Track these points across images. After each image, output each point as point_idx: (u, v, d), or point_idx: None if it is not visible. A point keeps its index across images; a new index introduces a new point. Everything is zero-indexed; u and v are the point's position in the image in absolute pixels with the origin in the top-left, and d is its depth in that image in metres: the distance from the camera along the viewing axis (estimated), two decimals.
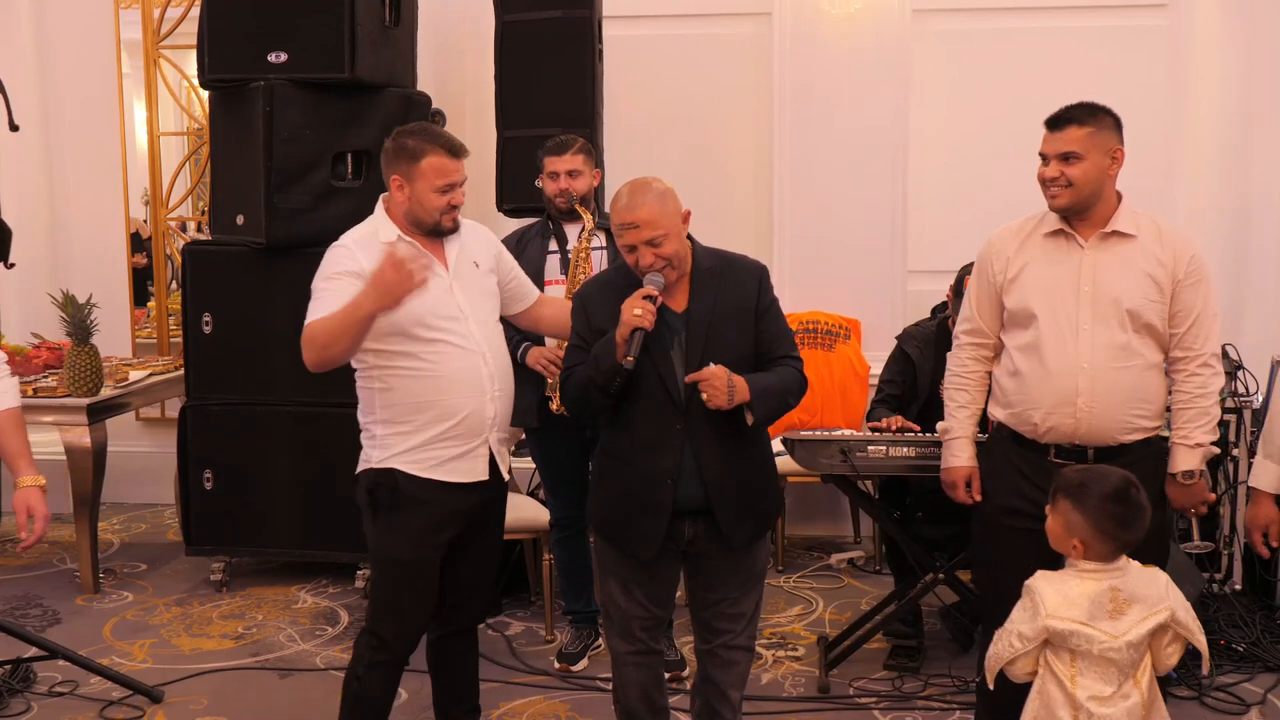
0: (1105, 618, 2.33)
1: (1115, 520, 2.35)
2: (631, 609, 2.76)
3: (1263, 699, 3.49)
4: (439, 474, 2.76)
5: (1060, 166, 2.74)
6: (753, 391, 2.58)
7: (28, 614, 4.25)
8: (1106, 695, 2.33)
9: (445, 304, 2.76)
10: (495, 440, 2.84)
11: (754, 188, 5.09)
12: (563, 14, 4.44)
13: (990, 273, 2.87)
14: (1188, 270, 2.77)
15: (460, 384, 2.75)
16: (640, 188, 2.63)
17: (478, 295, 2.85)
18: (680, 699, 3.50)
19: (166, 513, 5.40)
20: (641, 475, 2.66)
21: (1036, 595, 2.37)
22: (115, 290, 5.40)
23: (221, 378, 4.45)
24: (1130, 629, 2.33)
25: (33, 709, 3.51)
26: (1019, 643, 2.38)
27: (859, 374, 4.87)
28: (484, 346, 2.79)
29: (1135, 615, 2.34)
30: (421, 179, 2.74)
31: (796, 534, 5.02)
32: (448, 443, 2.76)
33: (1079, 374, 2.73)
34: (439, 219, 2.77)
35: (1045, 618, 2.33)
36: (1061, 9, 4.98)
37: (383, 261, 2.58)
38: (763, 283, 2.71)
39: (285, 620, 4.21)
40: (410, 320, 2.70)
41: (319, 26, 4.22)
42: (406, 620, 2.84)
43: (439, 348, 2.73)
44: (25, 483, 2.85)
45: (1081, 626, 2.32)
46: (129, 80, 5.49)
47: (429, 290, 2.70)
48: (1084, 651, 2.33)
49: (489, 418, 2.79)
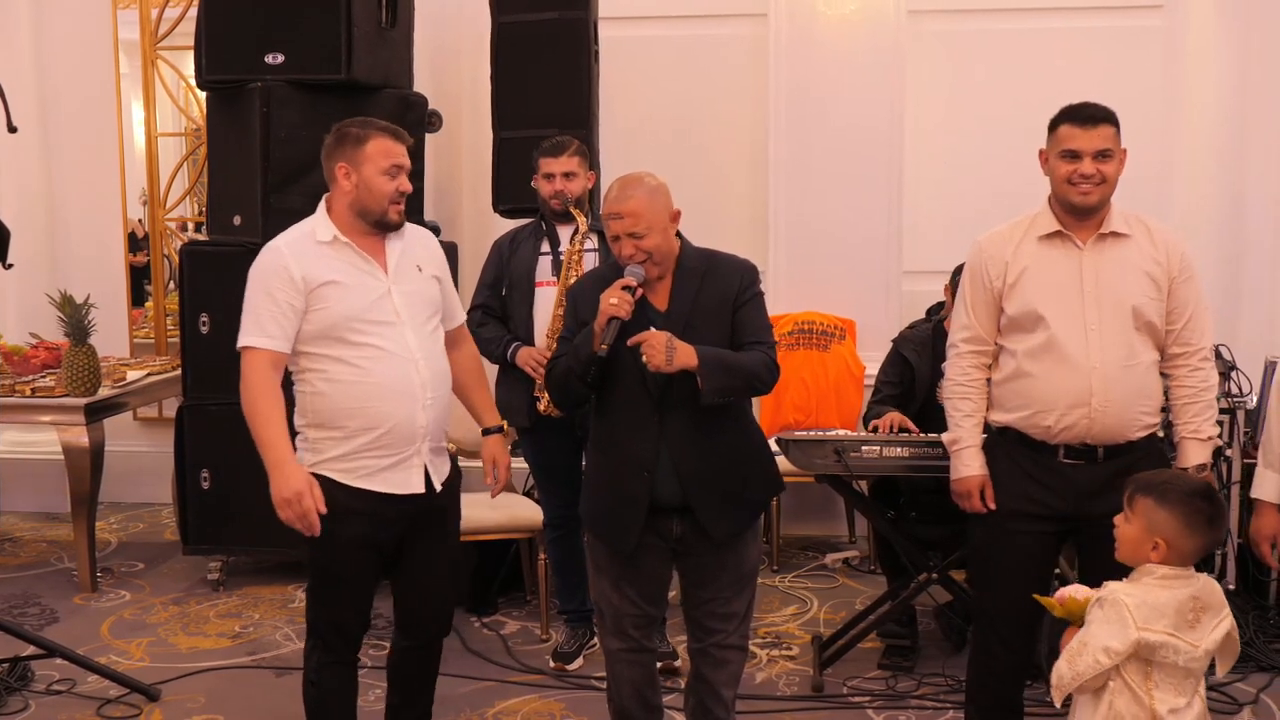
0: (1186, 627, 2.25)
1: (1205, 516, 2.27)
2: (623, 606, 2.78)
3: (1255, 699, 3.50)
4: (370, 484, 2.72)
5: (1096, 164, 2.72)
6: (700, 358, 2.56)
7: (26, 612, 4.27)
8: (1181, 707, 2.24)
9: (380, 308, 2.70)
10: (428, 450, 2.77)
11: (749, 188, 5.10)
12: (559, 15, 4.46)
13: (987, 279, 2.86)
14: (1181, 267, 2.79)
15: (389, 391, 2.69)
16: (632, 181, 2.68)
17: (417, 300, 2.78)
18: (674, 698, 3.51)
19: (164, 512, 5.41)
20: (620, 467, 2.70)
21: (1123, 608, 2.23)
22: (113, 290, 5.41)
23: (219, 378, 4.44)
24: (1206, 637, 2.26)
25: (30, 707, 3.52)
26: (1106, 658, 2.21)
27: (854, 374, 4.88)
28: (418, 353, 2.73)
29: (1208, 623, 2.27)
30: (368, 162, 2.70)
31: (791, 534, 5.03)
32: (377, 452, 2.70)
33: (1092, 374, 2.74)
34: (386, 207, 2.72)
35: (1137, 630, 2.20)
36: (1057, 10, 4.99)
37: (284, 506, 2.61)
38: (744, 279, 2.72)
39: (282, 619, 4.22)
40: (341, 322, 2.67)
41: (316, 28, 4.24)
42: (342, 622, 2.82)
43: (368, 352, 2.68)
44: None
45: (1170, 638, 2.22)
46: (127, 81, 5.50)
47: (364, 293, 2.69)
48: (1169, 664, 2.23)
49: (420, 426, 2.73)
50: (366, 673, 3.74)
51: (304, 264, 2.68)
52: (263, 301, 2.68)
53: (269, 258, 2.73)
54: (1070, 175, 2.74)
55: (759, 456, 2.82)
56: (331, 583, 2.79)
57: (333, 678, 2.84)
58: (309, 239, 2.74)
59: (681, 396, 2.62)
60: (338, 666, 2.85)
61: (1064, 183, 2.76)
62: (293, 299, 2.67)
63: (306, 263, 2.69)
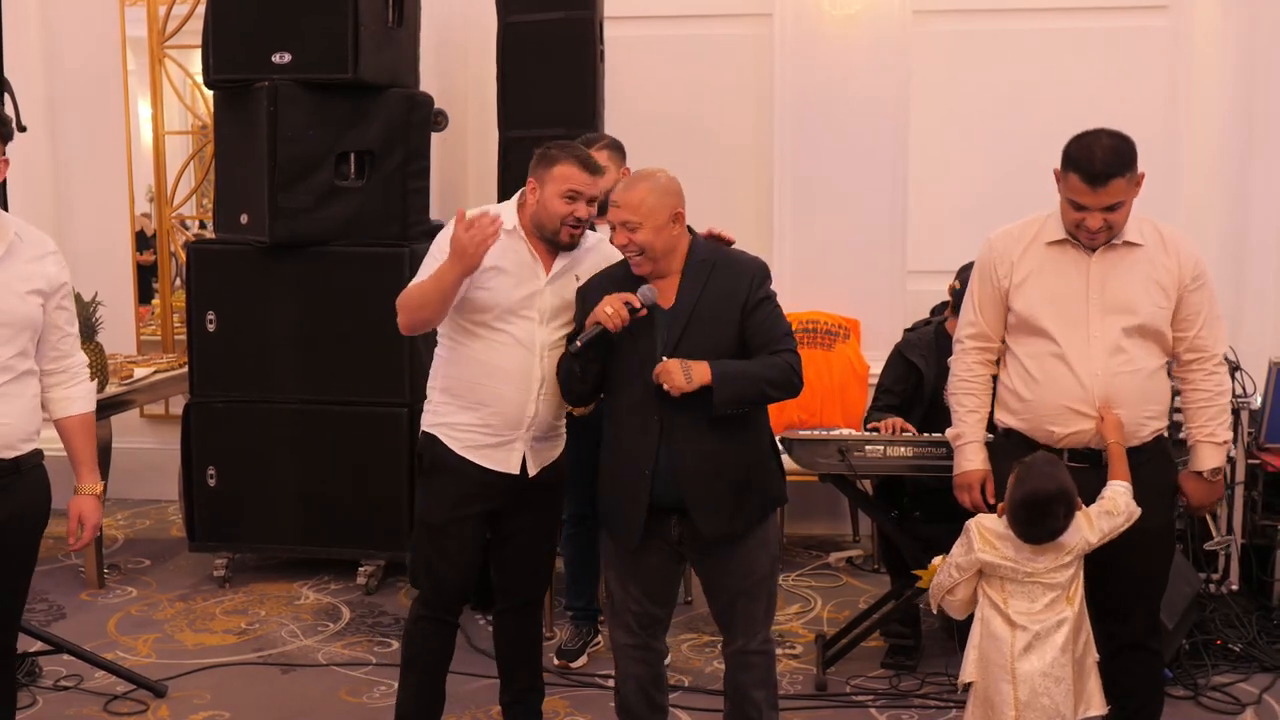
0: (1029, 554, 2.68)
1: (1020, 522, 2.68)
2: (627, 602, 2.81)
3: (1258, 699, 3.51)
4: (473, 456, 2.92)
5: (1104, 216, 2.70)
6: (714, 372, 2.60)
7: (33, 609, 4.27)
8: (1034, 610, 2.67)
9: (528, 304, 2.89)
10: (530, 438, 2.93)
11: (754, 187, 5.10)
12: (564, 15, 4.46)
13: (995, 277, 2.86)
14: (1194, 275, 2.78)
15: (509, 375, 2.88)
16: (641, 175, 2.76)
17: (564, 308, 2.93)
18: (679, 696, 3.53)
19: (170, 509, 5.42)
20: (624, 465, 2.74)
21: (973, 533, 2.74)
22: (120, 288, 5.42)
23: (225, 375, 4.48)
24: (1049, 562, 2.68)
25: (38, 703, 3.54)
26: (956, 573, 2.75)
27: (858, 374, 4.89)
28: (545, 350, 2.90)
29: (1053, 558, 2.68)
30: (551, 183, 2.87)
31: (795, 533, 5.04)
32: (485, 429, 2.90)
33: (1094, 382, 2.75)
34: (559, 227, 2.88)
35: (978, 551, 2.71)
36: (1062, 10, 4.99)
37: (455, 225, 2.76)
38: (755, 278, 2.72)
39: (288, 616, 4.24)
40: (492, 308, 2.87)
41: (323, 27, 4.25)
42: (440, 580, 3.00)
43: (502, 338, 2.88)
44: (85, 489, 2.89)
45: (1004, 561, 2.69)
46: (134, 78, 5.51)
47: (522, 286, 2.87)
48: (1014, 580, 2.69)
49: (528, 415, 2.90)
50: (372, 669, 3.77)
51: None
52: (431, 260, 2.88)
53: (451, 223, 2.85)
54: (1078, 223, 2.73)
55: (764, 464, 2.80)
56: (434, 536, 2.97)
57: (424, 634, 3.01)
58: (500, 215, 2.89)
59: (685, 398, 2.63)
60: (433, 622, 3.01)
61: (1072, 224, 2.75)
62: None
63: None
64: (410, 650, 3.04)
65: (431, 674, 3.04)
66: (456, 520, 2.95)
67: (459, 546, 2.97)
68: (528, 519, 3.03)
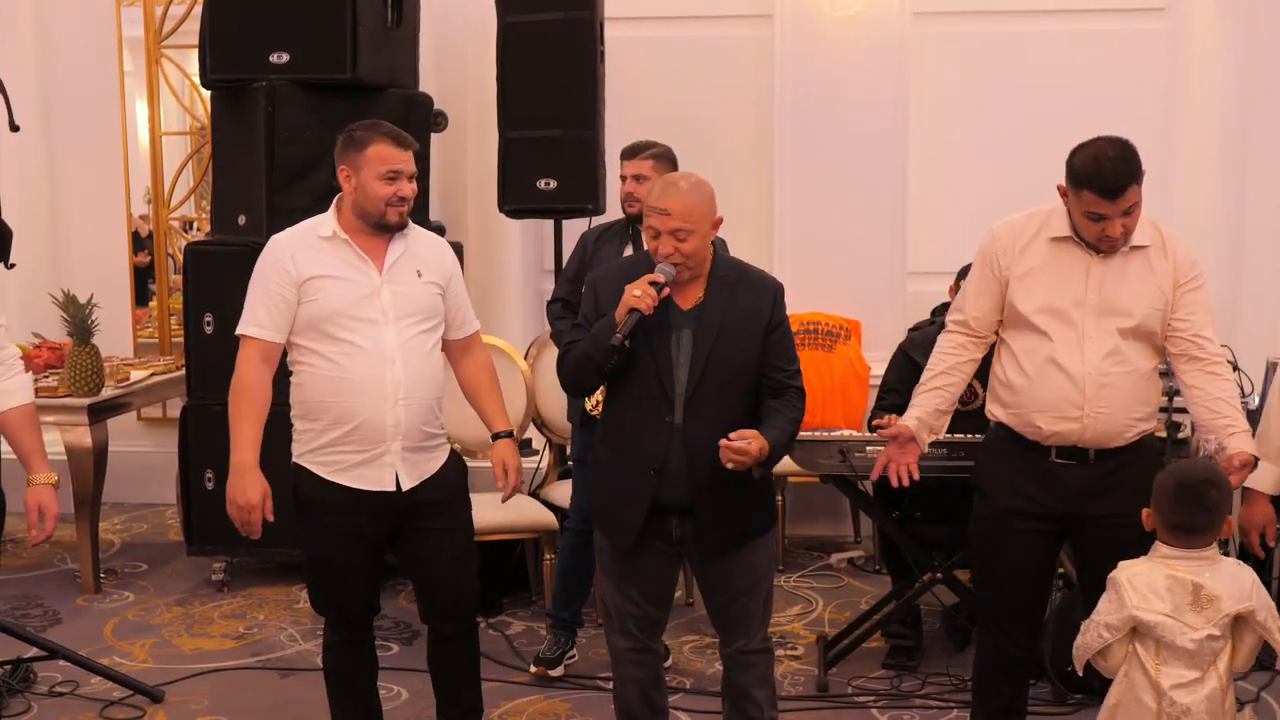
0: (1187, 610, 2.44)
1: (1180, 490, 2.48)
2: (625, 606, 2.79)
3: (1256, 697, 3.51)
4: (343, 479, 2.79)
5: (1122, 220, 2.68)
6: (771, 444, 2.60)
7: (28, 614, 4.26)
8: (1188, 681, 2.44)
9: (366, 305, 2.76)
10: (400, 450, 2.79)
11: (755, 189, 5.09)
12: (564, 15, 4.46)
13: (996, 266, 2.85)
14: (1190, 276, 2.78)
15: (359, 387, 2.74)
16: (687, 179, 2.66)
17: (408, 303, 2.81)
18: (680, 698, 3.51)
19: (168, 513, 5.40)
20: (626, 464, 2.70)
21: (1123, 587, 2.48)
22: (116, 290, 5.41)
23: (223, 378, 4.36)
24: (1209, 623, 2.44)
25: (33, 709, 3.52)
26: (1107, 633, 2.49)
27: (859, 375, 4.88)
28: (395, 354, 2.76)
29: (1215, 610, 2.44)
30: (366, 167, 2.76)
31: (796, 533, 5.03)
32: (348, 446, 2.77)
33: (1085, 380, 2.74)
34: (384, 209, 2.77)
35: (1132, 609, 2.45)
36: (1061, 12, 4.99)
37: (234, 509, 2.76)
38: (777, 299, 2.73)
39: (286, 620, 4.22)
40: (328, 316, 2.75)
41: (321, 27, 4.24)
42: (343, 607, 2.92)
43: (345, 348, 2.75)
44: (38, 480, 2.86)
45: (1165, 618, 2.44)
46: (131, 79, 5.49)
47: (353, 289, 2.75)
48: (1174, 643, 2.44)
49: (389, 425, 2.76)
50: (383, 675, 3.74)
51: (300, 257, 2.77)
52: (259, 292, 2.80)
53: (269, 250, 2.84)
54: (1099, 234, 2.71)
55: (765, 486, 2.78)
56: (323, 568, 2.89)
57: (341, 656, 2.96)
58: (311, 233, 2.83)
59: (706, 401, 2.62)
60: (346, 646, 2.96)
61: (1094, 236, 2.73)
62: (285, 290, 2.77)
63: (303, 256, 2.78)
64: (333, 678, 2.97)
65: (361, 693, 2.99)
66: (344, 551, 2.83)
67: (354, 574, 2.86)
68: (425, 542, 2.88)
